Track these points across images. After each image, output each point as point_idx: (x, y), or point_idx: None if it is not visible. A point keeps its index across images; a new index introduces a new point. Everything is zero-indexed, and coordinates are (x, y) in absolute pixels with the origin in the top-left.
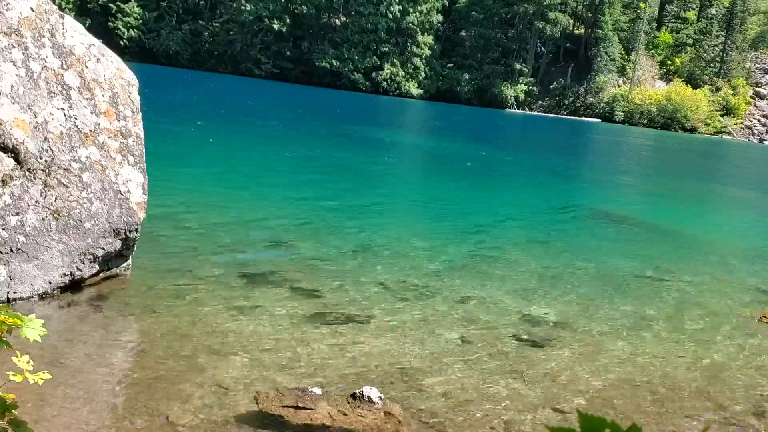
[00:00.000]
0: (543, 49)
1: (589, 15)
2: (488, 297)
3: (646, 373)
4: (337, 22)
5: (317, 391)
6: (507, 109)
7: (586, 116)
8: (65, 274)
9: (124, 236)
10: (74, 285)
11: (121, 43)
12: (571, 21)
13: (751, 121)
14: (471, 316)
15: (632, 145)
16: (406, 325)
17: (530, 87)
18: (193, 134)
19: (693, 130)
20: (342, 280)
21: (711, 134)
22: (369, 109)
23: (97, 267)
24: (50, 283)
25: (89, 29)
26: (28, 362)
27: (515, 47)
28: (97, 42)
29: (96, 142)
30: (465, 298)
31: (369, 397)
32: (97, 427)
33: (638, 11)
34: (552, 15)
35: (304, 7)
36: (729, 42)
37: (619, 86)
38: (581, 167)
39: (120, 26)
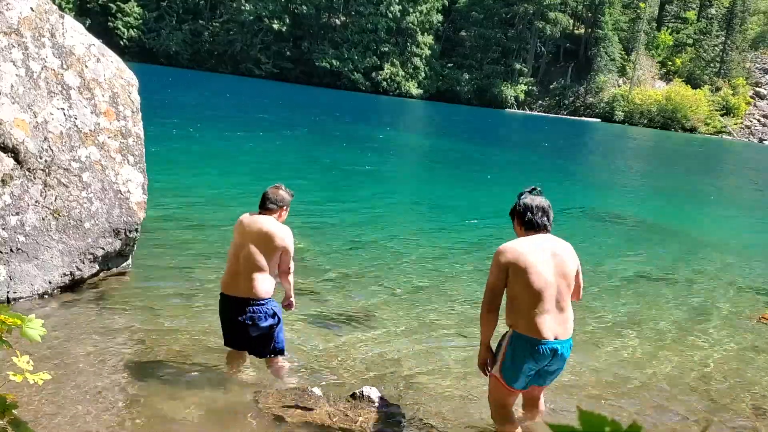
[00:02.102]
0: (543, 49)
1: (589, 15)
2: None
3: (646, 372)
4: (337, 22)
5: (317, 391)
6: (507, 109)
7: (586, 116)
8: (65, 274)
9: (124, 236)
10: (74, 285)
11: (121, 43)
12: (571, 21)
13: (751, 121)
14: (471, 316)
15: (632, 145)
16: (407, 325)
17: (530, 87)
18: (192, 134)
19: (693, 130)
20: (342, 280)
21: (711, 134)
22: (369, 109)
23: (97, 267)
24: (50, 282)
25: (89, 29)
26: (28, 362)
27: (515, 47)
28: (97, 42)
29: (96, 142)
30: (465, 298)
31: (369, 397)
32: (97, 427)
33: (638, 11)
34: (552, 15)
35: (304, 7)
36: (729, 42)
37: (619, 86)
38: (581, 167)
39: (120, 26)
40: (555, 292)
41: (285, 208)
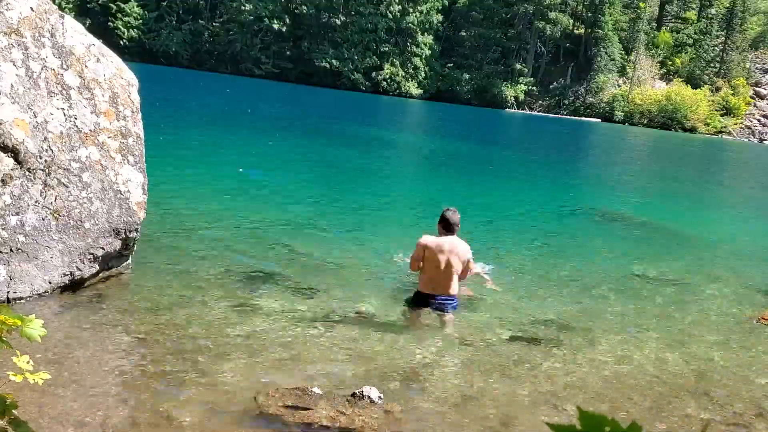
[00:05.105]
0: (543, 49)
1: (589, 15)
2: (487, 297)
3: (646, 372)
4: (337, 21)
5: (317, 391)
6: (507, 109)
7: (586, 116)
8: (65, 274)
9: (124, 236)
10: (74, 285)
11: (121, 43)
12: (571, 21)
13: (751, 121)
14: (470, 316)
15: (632, 145)
16: (406, 325)
17: (530, 87)
18: (192, 134)
19: (693, 130)
20: (342, 280)
21: (711, 134)
22: (369, 109)
23: (97, 267)
24: (50, 282)
25: (89, 29)
26: (28, 362)
27: (515, 47)
28: (97, 42)
29: (96, 141)
30: (464, 298)
31: (369, 397)
32: (97, 427)
33: (638, 11)
34: (552, 15)
35: (304, 7)
36: (729, 42)
37: (619, 86)
38: (581, 167)
39: (120, 26)
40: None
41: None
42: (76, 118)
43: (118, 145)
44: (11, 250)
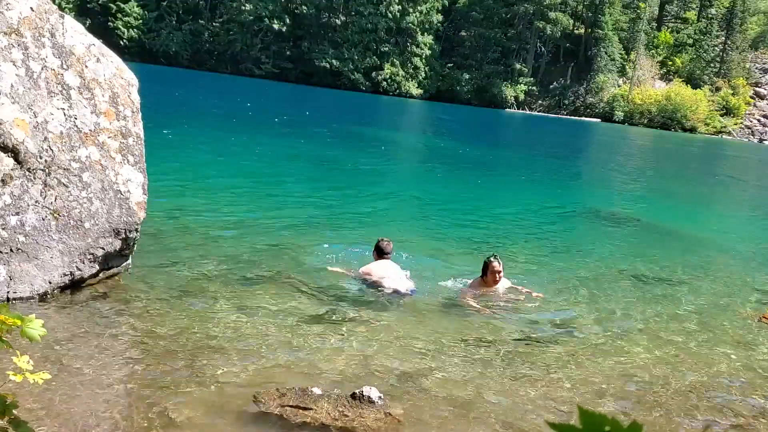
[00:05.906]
0: (543, 49)
1: (589, 15)
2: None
3: (646, 372)
4: (337, 21)
5: (317, 391)
6: (507, 109)
7: (586, 116)
8: (65, 274)
9: (124, 236)
10: (74, 285)
11: (121, 43)
12: (571, 21)
13: (751, 121)
14: (471, 316)
15: (632, 145)
16: (406, 325)
17: (530, 87)
18: (192, 134)
19: (693, 130)
20: (342, 279)
21: (711, 134)
22: (369, 109)
23: (97, 267)
24: (50, 282)
25: (89, 29)
26: (28, 362)
27: (515, 47)
28: (97, 42)
29: (96, 141)
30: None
31: (369, 397)
32: (97, 427)
33: (638, 11)
34: (552, 15)
35: (304, 7)
36: (729, 42)
37: (619, 86)
38: (581, 167)
39: (120, 26)
40: None
41: None
42: (76, 118)
43: (118, 145)
44: (11, 250)
